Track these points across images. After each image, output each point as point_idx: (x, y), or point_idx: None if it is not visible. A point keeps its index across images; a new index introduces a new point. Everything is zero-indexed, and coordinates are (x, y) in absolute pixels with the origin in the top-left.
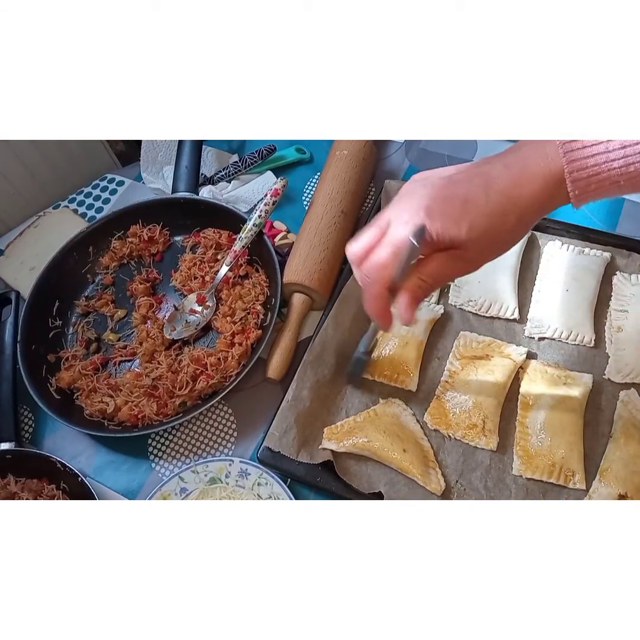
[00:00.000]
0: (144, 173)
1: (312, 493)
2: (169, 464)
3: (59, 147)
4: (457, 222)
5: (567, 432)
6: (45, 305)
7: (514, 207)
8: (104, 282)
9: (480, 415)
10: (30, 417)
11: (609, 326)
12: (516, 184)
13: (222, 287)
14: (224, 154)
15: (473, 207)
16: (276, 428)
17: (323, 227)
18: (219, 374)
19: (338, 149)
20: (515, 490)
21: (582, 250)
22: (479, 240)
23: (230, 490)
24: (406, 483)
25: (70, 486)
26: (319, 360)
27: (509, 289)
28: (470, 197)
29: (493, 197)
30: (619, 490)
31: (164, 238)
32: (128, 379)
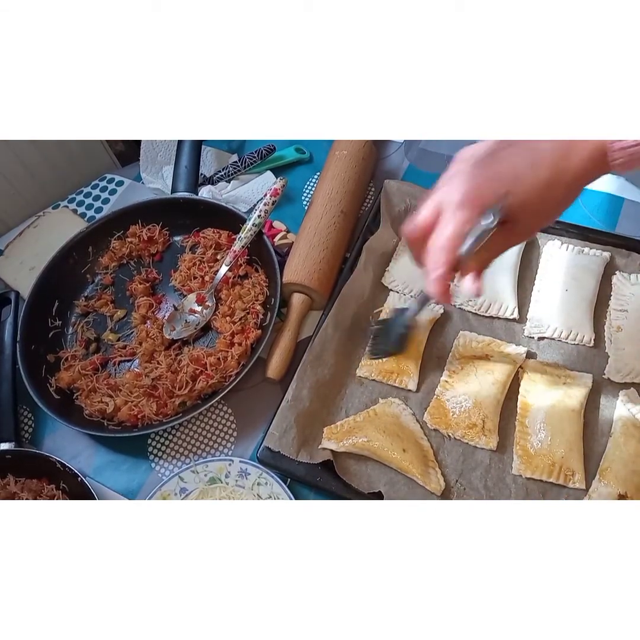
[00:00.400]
0: (144, 173)
1: (312, 493)
2: (169, 464)
3: (59, 147)
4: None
5: (566, 432)
6: (45, 305)
7: (562, 179)
8: (104, 282)
9: (480, 415)
10: (30, 417)
11: (609, 326)
12: (563, 157)
13: (222, 287)
14: (224, 154)
15: (522, 183)
16: (276, 428)
17: (323, 227)
18: (218, 374)
19: (338, 149)
20: (515, 490)
21: (582, 249)
22: (529, 214)
23: (230, 490)
24: (406, 483)
25: (70, 486)
26: (318, 360)
27: (509, 288)
28: (519, 174)
29: (542, 172)
30: (618, 490)
31: (163, 238)
32: (128, 379)
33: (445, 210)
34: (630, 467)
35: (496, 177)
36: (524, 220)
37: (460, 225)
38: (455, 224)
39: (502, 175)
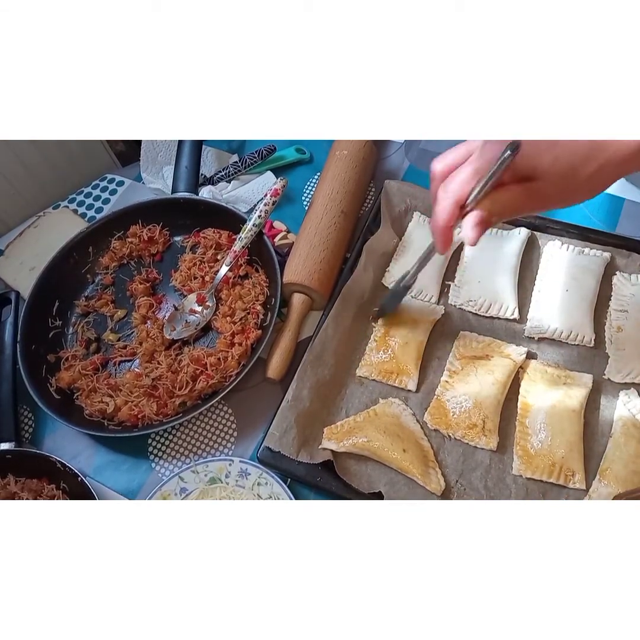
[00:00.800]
0: (144, 173)
1: (312, 493)
2: (169, 464)
3: (59, 147)
4: (543, 153)
5: (567, 432)
6: (45, 306)
7: (598, 153)
8: (104, 282)
9: (480, 415)
10: (30, 417)
11: (609, 326)
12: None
13: (222, 287)
14: (224, 154)
15: (561, 144)
16: (276, 428)
17: (323, 227)
18: (218, 374)
19: (338, 149)
20: (515, 490)
21: (582, 250)
22: (557, 176)
23: (230, 490)
24: (406, 483)
25: (70, 486)
26: (319, 360)
27: (509, 289)
28: (557, 142)
29: (581, 142)
30: (619, 490)
31: (163, 238)
32: (128, 379)
33: (477, 151)
34: (631, 467)
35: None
36: (550, 181)
37: (484, 163)
38: (479, 161)
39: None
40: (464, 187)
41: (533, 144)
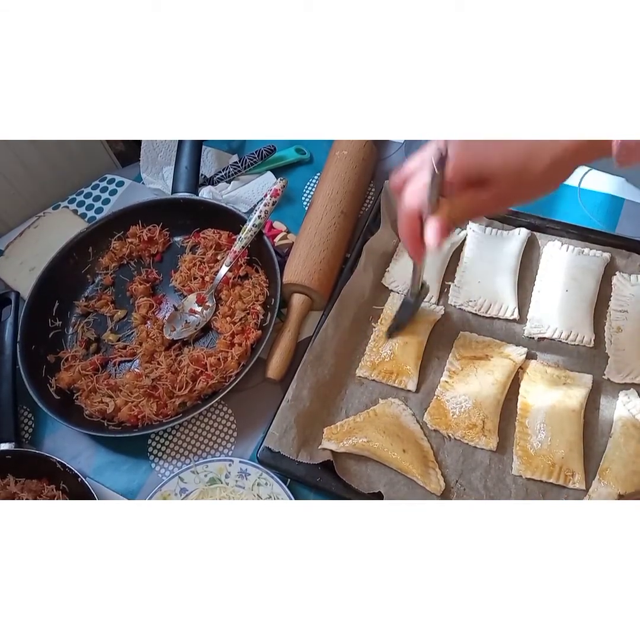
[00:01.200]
0: (144, 173)
1: (312, 493)
2: (169, 464)
3: (59, 147)
4: (488, 153)
5: (566, 432)
6: (45, 306)
7: (548, 149)
8: (104, 283)
9: (480, 416)
10: (30, 417)
11: (609, 326)
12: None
13: (222, 288)
14: (224, 154)
15: (505, 144)
16: (276, 428)
17: (323, 228)
18: (218, 375)
19: (338, 149)
20: (515, 490)
21: (582, 250)
22: (510, 175)
23: (230, 491)
24: (406, 483)
25: (70, 486)
26: (319, 361)
27: (509, 289)
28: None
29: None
30: (618, 490)
31: (163, 238)
32: (128, 379)
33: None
34: (630, 467)
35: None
36: (504, 181)
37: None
38: (425, 172)
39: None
40: (415, 199)
41: (483, 146)
